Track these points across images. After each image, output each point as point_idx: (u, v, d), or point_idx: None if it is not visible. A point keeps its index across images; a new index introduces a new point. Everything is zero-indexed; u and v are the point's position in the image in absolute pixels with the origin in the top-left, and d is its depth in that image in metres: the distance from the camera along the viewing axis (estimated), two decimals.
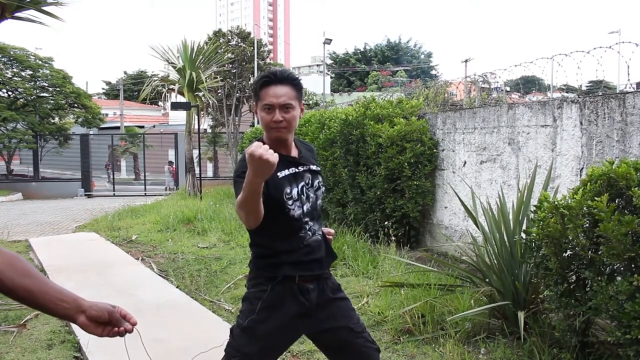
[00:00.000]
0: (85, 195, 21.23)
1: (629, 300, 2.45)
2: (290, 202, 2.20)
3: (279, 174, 2.20)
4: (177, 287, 5.35)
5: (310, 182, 2.27)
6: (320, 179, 2.34)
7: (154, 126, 38.24)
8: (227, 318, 4.37)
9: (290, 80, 2.18)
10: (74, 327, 4.17)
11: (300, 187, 2.23)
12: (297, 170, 2.24)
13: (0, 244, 8.23)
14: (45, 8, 6.22)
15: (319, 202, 2.32)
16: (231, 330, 2.25)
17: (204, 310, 4.59)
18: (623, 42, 5.24)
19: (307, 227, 2.24)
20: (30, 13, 6.20)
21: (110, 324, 1.40)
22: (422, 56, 68.78)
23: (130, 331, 1.44)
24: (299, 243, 2.22)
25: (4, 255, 1.30)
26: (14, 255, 1.32)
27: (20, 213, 13.77)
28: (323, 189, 2.35)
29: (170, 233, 8.38)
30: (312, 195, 2.26)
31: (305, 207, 2.23)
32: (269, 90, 2.14)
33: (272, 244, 2.23)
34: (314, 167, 2.31)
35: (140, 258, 6.77)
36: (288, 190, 2.20)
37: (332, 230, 2.43)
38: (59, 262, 6.44)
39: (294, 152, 2.29)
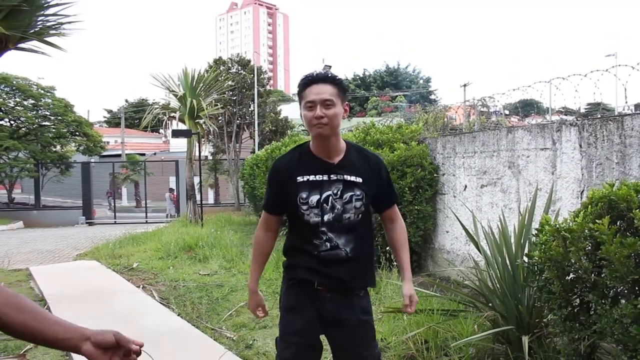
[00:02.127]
0: (87, 223, 21.21)
1: (634, 323, 2.42)
2: (304, 207, 2.21)
3: (298, 177, 2.23)
4: (178, 315, 5.31)
5: (339, 193, 2.20)
6: (359, 192, 2.23)
7: (155, 154, 38.38)
8: (228, 346, 4.33)
9: (331, 79, 2.21)
10: (75, 357, 4.13)
11: (324, 195, 2.20)
12: (323, 178, 2.21)
13: (1, 272, 8.19)
14: (47, 39, 6.29)
15: (349, 215, 2.22)
16: (276, 339, 2.38)
17: (206, 338, 4.54)
18: (620, 65, 5.29)
19: (325, 238, 2.21)
20: (33, 44, 6.27)
21: (117, 347, 1.32)
22: (421, 81, 69.37)
23: (139, 353, 1.39)
24: (312, 250, 2.24)
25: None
26: (10, 292, 1.27)
27: (21, 241, 13.74)
28: (359, 203, 2.23)
29: (171, 260, 8.35)
30: (338, 206, 2.20)
31: (325, 217, 2.20)
32: (312, 89, 2.17)
33: (292, 246, 2.33)
34: (350, 178, 2.22)
35: (141, 286, 6.73)
36: (304, 196, 2.21)
37: (412, 299, 2.49)
38: (59, 291, 6.41)
39: (337, 158, 2.24)
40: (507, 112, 11.97)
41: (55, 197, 26.53)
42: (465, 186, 6.20)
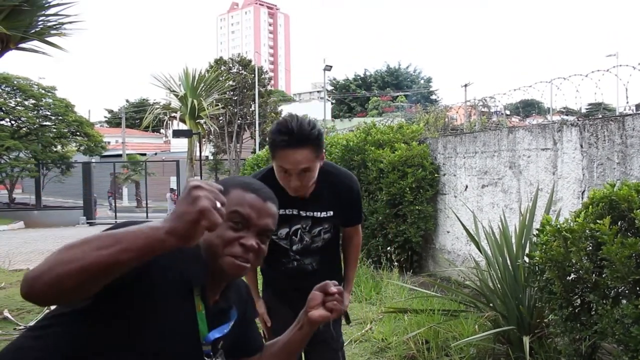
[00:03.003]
0: (87, 223, 21.20)
1: (634, 323, 2.42)
2: (273, 236, 2.21)
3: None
4: None
5: (308, 227, 2.20)
6: (327, 225, 2.22)
7: (155, 154, 38.39)
8: None
9: (312, 140, 1.94)
10: None
11: (293, 229, 2.20)
12: (292, 213, 2.18)
13: (2, 272, 8.20)
14: (48, 39, 6.30)
15: (317, 244, 2.25)
16: None
17: None
18: (621, 65, 5.29)
19: (292, 258, 2.27)
20: (34, 44, 6.29)
21: None
22: (422, 81, 69.31)
23: None
24: (279, 266, 2.31)
25: None
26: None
27: (22, 242, 13.74)
28: (327, 235, 2.24)
29: None
30: (307, 239, 2.21)
31: (294, 247, 2.24)
32: (287, 155, 1.93)
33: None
34: (321, 215, 2.18)
35: None
36: (279, 229, 2.23)
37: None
38: None
39: (309, 192, 2.13)
40: (508, 112, 11.98)
41: (56, 197, 26.56)
42: (466, 186, 6.20)
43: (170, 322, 1.15)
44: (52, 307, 1.13)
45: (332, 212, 2.19)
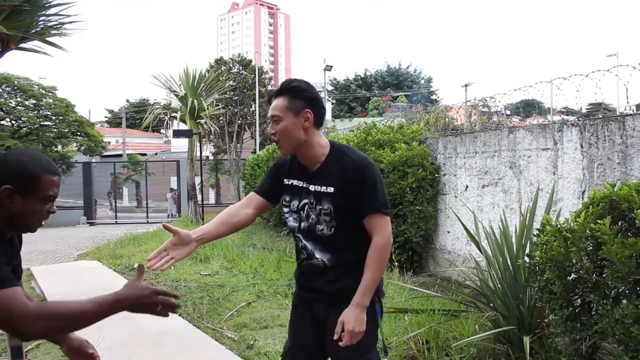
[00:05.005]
0: (88, 223, 21.22)
1: (635, 323, 2.42)
2: (286, 209, 2.22)
3: (285, 179, 2.24)
4: (179, 315, 5.31)
5: (313, 203, 2.12)
6: (327, 206, 2.08)
7: (156, 154, 38.39)
8: (229, 346, 4.33)
9: (286, 89, 2.11)
10: None
11: (302, 202, 2.16)
12: (302, 185, 2.17)
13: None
14: (49, 39, 6.31)
15: (322, 227, 2.11)
16: None
17: (207, 339, 4.55)
18: (621, 65, 5.30)
19: (301, 245, 2.21)
20: (35, 44, 6.29)
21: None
22: (422, 81, 69.31)
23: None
24: (298, 260, 2.28)
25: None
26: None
27: (22, 241, 13.72)
28: (327, 217, 2.09)
29: None
30: (313, 216, 2.13)
31: (302, 224, 2.17)
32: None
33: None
34: (321, 189, 2.10)
35: None
36: (287, 198, 2.22)
37: (345, 327, 2.03)
38: (60, 291, 6.41)
39: (316, 166, 2.14)
40: (508, 112, 11.98)
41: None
42: (467, 186, 6.20)
43: None
44: None
45: (332, 189, 2.08)
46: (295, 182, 2.19)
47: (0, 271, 1.48)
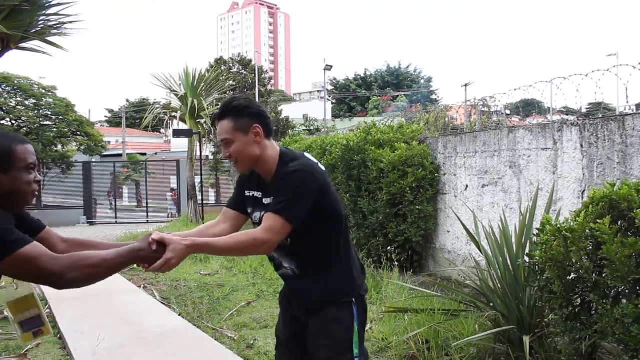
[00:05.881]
0: (88, 222, 21.21)
1: (635, 323, 2.42)
2: (253, 220, 2.22)
3: (246, 191, 2.23)
4: (179, 315, 5.32)
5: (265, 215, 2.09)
6: None
7: (156, 153, 38.37)
8: (229, 345, 4.33)
9: (228, 110, 2.07)
10: (75, 355, 4.14)
11: (260, 215, 2.12)
12: (259, 197, 2.16)
13: None
14: (49, 38, 6.31)
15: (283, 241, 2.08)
16: None
17: (207, 338, 4.55)
18: (621, 64, 5.30)
19: (270, 255, 2.21)
20: (35, 43, 6.30)
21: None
22: (422, 81, 69.36)
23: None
24: (271, 264, 2.31)
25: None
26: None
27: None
28: None
29: None
30: None
31: None
32: (218, 129, 2.11)
33: None
34: (266, 201, 2.10)
35: (142, 286, 6.74)
36: (250, 210, 2.22)
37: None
38: (60, 291, 6.40)
39: (269, 178, 2.13)
40: (508, 112, 11.97)
41: (56, 197, 26.54)
42: (467, 186, 6.20)
43: None
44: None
45: (272, 199, 2.06)
46: (255, 193, 2.18)
47: (9, 233, 1.55)
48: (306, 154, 2.18)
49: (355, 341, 2.12)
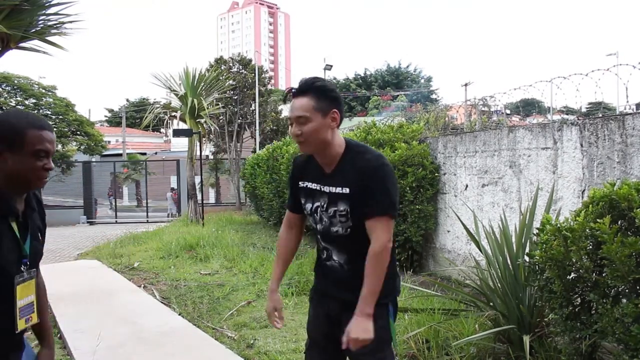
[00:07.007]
0: (88, 222, 21.22)
1: (635, 322, 2.42)
2: (305, 211, 2.24)
3: (300, 182, 2.24)
4: (179, 315, 5.32)
5: (324, 206, 2.11)
6: (342, 207, 2.05)
7: (156, 153, 38.40)
8: (229, 345, 4.33)
9: (310, 89, 2.02)
10: (75, 355, 4.14)
11: (315, 205, 2.15)
12: (316, 188, 2.15)
13: None
14: (49, 38, 6.31)
15: (337, 229, 2.09)
16: None
17: (207, 338, 4.55)
18: (621, 64, 5.29)
19: (321, 246, 2.22)
20: (35, 43, 6.29)
21: None
22: (422, 80, 69.33)
23: None
24: (319, 255, 2.29)
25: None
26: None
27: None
28: (343, 218, 2.06)
29: (172, 260, 8.35)
30: (325, 219, 2.12)
31: (318, 227, 2.18)
32: (292, 104, 2.06)
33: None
34: (336, 190, 2.07)
35: (142, 285, 6.74)
36: (303, 201, 2.23)
37: (349, 336, 1.95)
38: (61, 290, 6.41)
39: (331, 167, 2.11)
40: (508, 111, 11.96)
41: (56, 197, 26.55)
42: (467, 185, 6.20)
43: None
44: None
45: (347, 190, 2.03)
46: (309, 184, 2.18)
47: None
48: (364, 144, 2.20)
49: (392, 338, 2.16)
